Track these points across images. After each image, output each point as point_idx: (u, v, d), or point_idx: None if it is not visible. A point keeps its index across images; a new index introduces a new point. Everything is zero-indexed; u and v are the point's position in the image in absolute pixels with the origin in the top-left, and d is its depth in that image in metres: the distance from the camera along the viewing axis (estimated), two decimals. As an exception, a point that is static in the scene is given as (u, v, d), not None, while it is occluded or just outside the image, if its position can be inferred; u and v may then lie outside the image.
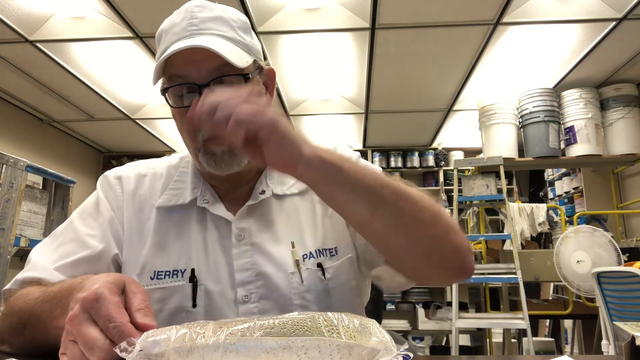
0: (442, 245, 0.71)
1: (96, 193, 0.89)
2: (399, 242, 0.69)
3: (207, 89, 0.74)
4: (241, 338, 0.45)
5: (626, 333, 0.50)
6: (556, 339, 3.92)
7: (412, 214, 0.67)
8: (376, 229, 0.68)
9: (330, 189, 0.64)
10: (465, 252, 0.73)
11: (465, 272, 0.74)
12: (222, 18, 0.79)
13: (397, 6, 2.76)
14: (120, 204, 0.86)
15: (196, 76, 0.75)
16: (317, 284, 0.79)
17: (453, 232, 0.71)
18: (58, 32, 3.00)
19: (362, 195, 0.64)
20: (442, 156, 5.52)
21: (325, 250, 0.82)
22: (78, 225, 0.83)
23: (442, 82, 3.81)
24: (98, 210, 0.85)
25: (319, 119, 4.59)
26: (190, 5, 0.79)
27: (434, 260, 0.72)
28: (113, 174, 0.90)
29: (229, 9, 0.82)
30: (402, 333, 4.08)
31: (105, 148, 5.67)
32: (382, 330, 0.50)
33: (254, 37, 0.85)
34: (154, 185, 0.88)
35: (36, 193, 2.70)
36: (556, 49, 3.32)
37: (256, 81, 0.82)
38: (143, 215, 0.85)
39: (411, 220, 0.67)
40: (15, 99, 4.10)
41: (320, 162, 0.61)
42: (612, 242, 2.93)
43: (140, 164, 0.93)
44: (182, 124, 0.80)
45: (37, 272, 0.76)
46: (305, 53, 3.32)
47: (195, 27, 0.76)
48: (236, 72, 0.76)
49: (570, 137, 3.70)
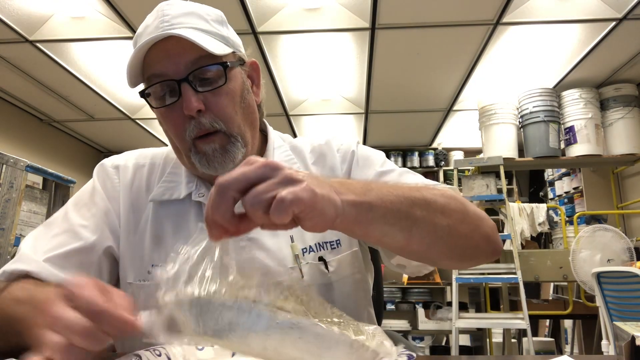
0: (476, 239, 0.71)
1: (92, 182, 0.87)
2: (437, 252, 0.68)
3: (186, 84, 0.73)
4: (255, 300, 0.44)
5: (626, 333, 0.50)
6: (556, 339, 3.92)
7: (445, 224, 0.65)
8: (414, 249, 0.66)
9: (365, 229, 0.59)
10: (495, 235, 0.73)
11: (497, 252, 0.74)
12: (194, 12, 0.77)
13: (397, 6, 2.76)
14: (117, 194, 0.84)
15: (173, 71, 0.73)
16: (318, 278, 0.78)
17: (480, 220, 0.71)
18: (58, 32, 3.00)
19: (396, 223, 0.60)
20: (442, 156, 5.52)
21: (326, 244, 0.80)
22: (72, 216, 0.81)
23: (442, 82, 3.81)
24: (93, 200, 0.83)
25: (319, 119, 4.59)
26: (161, 4, 0.78)
27: (470, 253, 0.72)
28: (111, 163, 0.88)
29: (201, 5, 0.81)
30: (402, 333, 4.08)
31: (105, 148, 5.67)
32: (381, 331, 0.50)
33: (230, 29, 0.83)
34: (151, 176, 0.87)
35: (36, 193, 2.70)
36: (556, 49, 3.31)
37: (238, 73, 0.80)
38: (139, 207, 0.83)
39: (446, 230, 0.65)
40: (15, 99, 4.10)
41: (351, 207, 0.55)
42: (627, 241, 2.92)
43: (139, 153, 0.92)
44: (168, 125, 0.78)
45: (25, 265, 0.73)
46: (305, 53, 3.32)
47: (167, 24, 0.74)
48: (214, 62, 0.74)
49: (570, 137, 3.70)
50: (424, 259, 0.72)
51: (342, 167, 0.87)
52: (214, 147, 0.75)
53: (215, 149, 0.75)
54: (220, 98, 0.76)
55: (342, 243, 0.82)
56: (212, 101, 0.75)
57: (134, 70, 0.75)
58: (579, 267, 2.95)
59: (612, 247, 2.92)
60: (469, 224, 0.69)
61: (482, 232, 0.71)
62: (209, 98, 0.75)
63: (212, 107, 0.75)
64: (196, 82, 0.74)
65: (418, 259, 0.72)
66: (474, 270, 3.24)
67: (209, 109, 0.75)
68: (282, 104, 4.19)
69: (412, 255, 0.70)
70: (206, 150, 0.75)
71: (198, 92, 0.74)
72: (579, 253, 2.96)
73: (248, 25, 2.94)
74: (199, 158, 0.76)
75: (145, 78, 0.76)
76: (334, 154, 0.87)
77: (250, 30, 2.99)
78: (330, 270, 0.79)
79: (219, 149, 0.75)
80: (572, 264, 2.98)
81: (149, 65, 0.75)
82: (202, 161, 0.76)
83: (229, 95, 0.76)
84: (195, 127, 0.74)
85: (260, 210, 0.48)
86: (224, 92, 0.76)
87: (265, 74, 3.57)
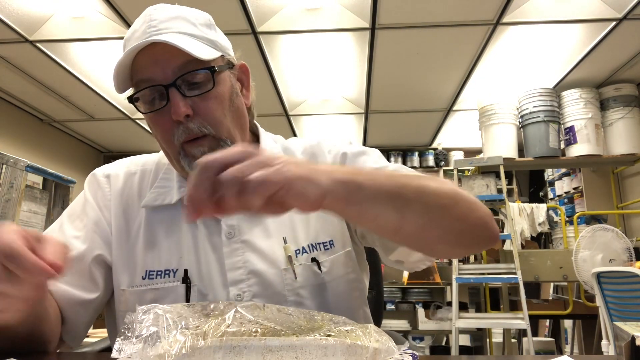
0: (471, 222, 0.70)
1: (83, 193, 0.88)
2: (433, 235, 0.67)
3: (174, 89, 0.73)
4: (243, 338, 0.45)
5: (626, 333, 0.50)
6: (556, 339, 3.92)
7: (438, 205, 0.66)
8: (409, 232, 0.66)
9: (357, 209, 0.60)
10: (491, 221, 0.72)
11: (494, 238, 0.73)
12: (182, 17, 0.77)
13: (397, 6, 2.76)
14: (108, 203, 0.85)
15: (161, 77, 0.73)
16: (311, 279, 0.78)
17: (475, 204, 0.71)
18: (58, 32, 3.00)
19: (388, 203, 0.61)
20: (442, 156, 5.52)
21: (319, 245, 0.81)
22: (66, 227, 0.83)
23: (442, 82, 3.81)
24: (84, 211, 0.84)
25: (319, 119, 4.59)
26: (148, 9, 0.77)
27: (466, 238, 0.71)
28: (102, 172, 0.89)
29: (189, 8, 0.80)
30: (402, 333, 4.08)
31: (105, 148, 5.67)
32: (380, 331, 0.50)
33: (218, 32, 0.83)
34: (143, 183, 0.87)
35: (36, 193, 2.70)
36: (556, 49, 3.32)
37: (227, 76, 0.80)
38: (132, 214, 0.84)
39: (440, 212, 0.66)
40: (15, 99, 4.10)
41: (340, 186, 0.56)
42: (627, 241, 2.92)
43: (131, 160, 0.92)
44: (156, 130, 0.78)
45: None
46: (305, 53, 3.32)
47: (154, 29, 0.74)
48: (202, 67, 0.74)
49: (570, 137, 3.70)
50: (420, 244, 0.71)
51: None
52: (202, 151, 0.75)
53: (204, 152, 0.75)
54: (209, 102, 0.75)
55: (336, 243, 0.82)
56: (200, 106, 0.75)
57: (122, 76, 0.75)
58: (580, 267, 2.95)
59: (612, 247, 2.92)
60: (463, 207, 0.68)
61: (478, 215, 0.70)
62: (197, 103, 0.75)
63: (201, 111, 0.75)
64: (184, 87, 0.74)
65: (413, 245, 0.72)
66: (474, 270, 3.24)
67: (197, 114, 0.74)
68: (282, 104, 4.19)
69: (407, 240, 0.69)
70: (195, 154, 0.75)
71: (186, 97, 0.74)
72: (580, 253, 2.96)
73: (248, 25, 2.94)
74: (188, 161, 0.76)
75: (134, 83, 0.76)
76: (325, 155, 0.87)
77: (250, 30, 2.99)
78: (323, 270, 0.79)
79: (208, 152, 0.74)
80: (574, 264, 2.98)
81: (137, 70, 0.75)
82: (191, 164, 0.76)
83: (217, 99, 0.76)
84: (184, 132, 0.74)
85: (232, 190, 0.50)
86: (212, 97, 0.76)
87: (265, 74, 3.57)
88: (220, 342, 0.45)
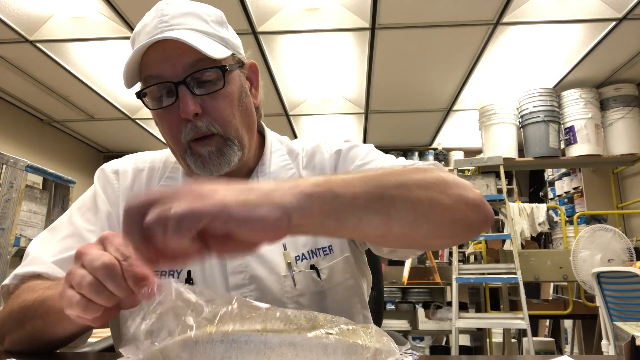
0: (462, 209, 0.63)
1: (93, 187, 0.87)
2: (424, 231, 0.61)
3: (183, 86, 0.72)
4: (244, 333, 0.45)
5: (626, 333, 0.50)
6: (556, 339, 3.92)
7: (425, 198, 0.59)
8: (398, 233, 0.59)
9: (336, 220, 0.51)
10: (482, 202, 0.65)
11: (489, 220, 0.67)
12: (194, 13, 0.76)
13: (397, 6, 2.76)
14: (117, 199, 0.84)
15: (171, 74, 0.72)
16: (310, 287, 0.77)
17: (463, 188, 0.64)
18: (58, 32, 3.00)
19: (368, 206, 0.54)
20: (442, 156, 5.52)
21: (318, 250, 0.80)
22: (77, 220, 0.82)
23: (442, 82, 3.81)
24: (96, 204, 0.84)
25: (319, 119, 4.59)
26: (160, 3, 0.76)
27: (459, 226, 0.65)
28: (111, 168, 0.88)
29: (201, 4, 0.79)
30: (402, 333, 4.08)
31: (105, 148, 5.67)
32: (382, 332, 0.50)
33: (230, 30, 0.82)
34: (150, 180, 0.86)
35: (36, 193, 2.70)
36: (556, 49, 3.32)
37: (237, 75, 0.79)
38: None
39: (427, 205, 0.59)
40: (15, 99, 4.10)
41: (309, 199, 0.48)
42: (626, 241, 2.92)
43: (139, 156, 0.91)
44: (163, 127, 0.77)
45: (37, 267, 0.74)
46: (305, 53, 3.32)
47: (165, 24, 0.73)
48: (213, 66, 0.73)
49: (570, 137, 3.70)
50: (413, 244, 0.65)
51: (330, 166, 0.86)
52: (210, 150, 0.74)
53: (212, 152, 0.74)
54: (218, 101, 0.75)
55: (335, 249, 0.81)
56: (209, 104, 0.74)
57: (132, 71, 0.74)
58: (579, 267, 2.95)
59: (612, 247, 2.92)
60: (450, 194, 0.62)
61: (468, 200, 0.63)
62: (207, 101, 0.74)
63: (210, 110, 0.74)
64: (194, 85, 0.73)
65: (407, 245, 0.66)
66: (474, 270, 3.24)
67: (206, 113, 0.74)
68: (282, 104, 4.19)
69: (399, 241, 0.64)
70: (202, 153, 0.74)
71: (195, 95, 0.73)
72: (579, 253, 2.96)
73: (248, 25, 2.94)
74: (194, 160, 0.75)
75: (142, 78, 0.75)
76: (323, 155, 0.87)
77: (250, 30, 2.99)
78: (322, 278, 0.78)
79: (215, 151, 0.74)
80: (572, 264, 2.98)
81: (147, 66, 0.74)
82: (197, 163, 0.75)
83: (227, 98, 0.75)
84: (192, 130, 0.74)
85: (158, 230, 0.43)
86: (222, 96, 0.75)
87: (265, 74, 3.57)
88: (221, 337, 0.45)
